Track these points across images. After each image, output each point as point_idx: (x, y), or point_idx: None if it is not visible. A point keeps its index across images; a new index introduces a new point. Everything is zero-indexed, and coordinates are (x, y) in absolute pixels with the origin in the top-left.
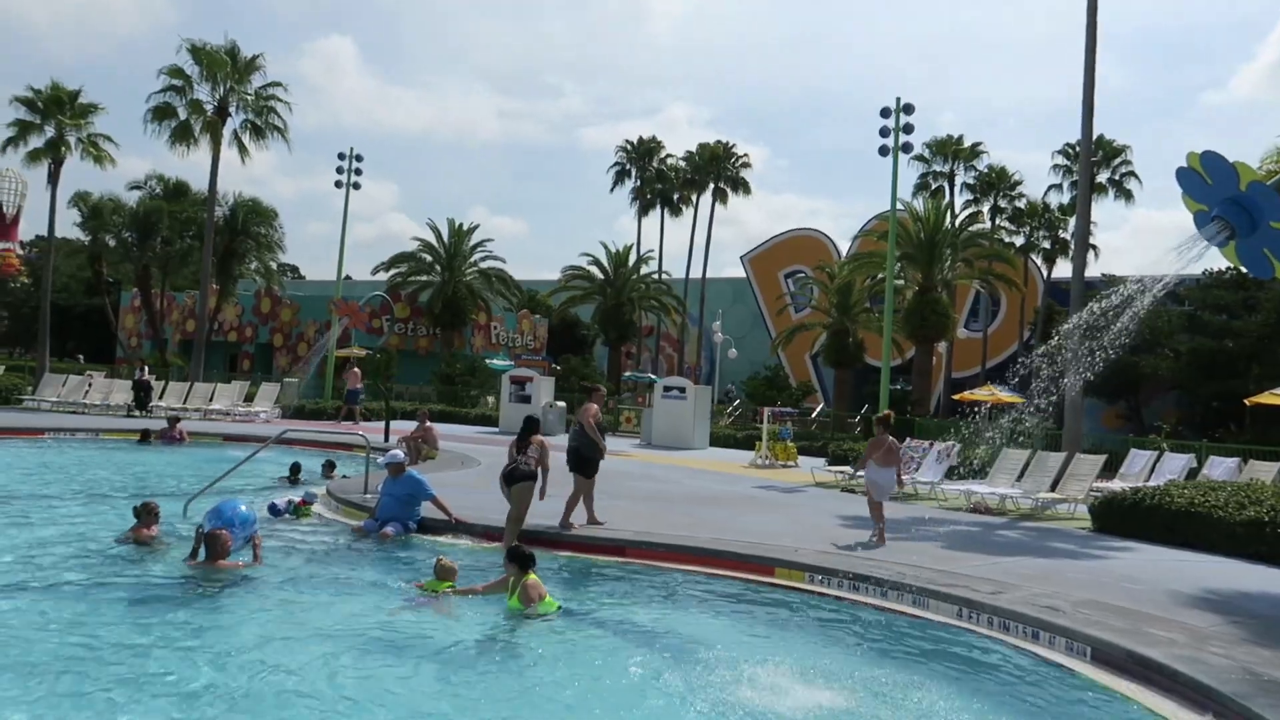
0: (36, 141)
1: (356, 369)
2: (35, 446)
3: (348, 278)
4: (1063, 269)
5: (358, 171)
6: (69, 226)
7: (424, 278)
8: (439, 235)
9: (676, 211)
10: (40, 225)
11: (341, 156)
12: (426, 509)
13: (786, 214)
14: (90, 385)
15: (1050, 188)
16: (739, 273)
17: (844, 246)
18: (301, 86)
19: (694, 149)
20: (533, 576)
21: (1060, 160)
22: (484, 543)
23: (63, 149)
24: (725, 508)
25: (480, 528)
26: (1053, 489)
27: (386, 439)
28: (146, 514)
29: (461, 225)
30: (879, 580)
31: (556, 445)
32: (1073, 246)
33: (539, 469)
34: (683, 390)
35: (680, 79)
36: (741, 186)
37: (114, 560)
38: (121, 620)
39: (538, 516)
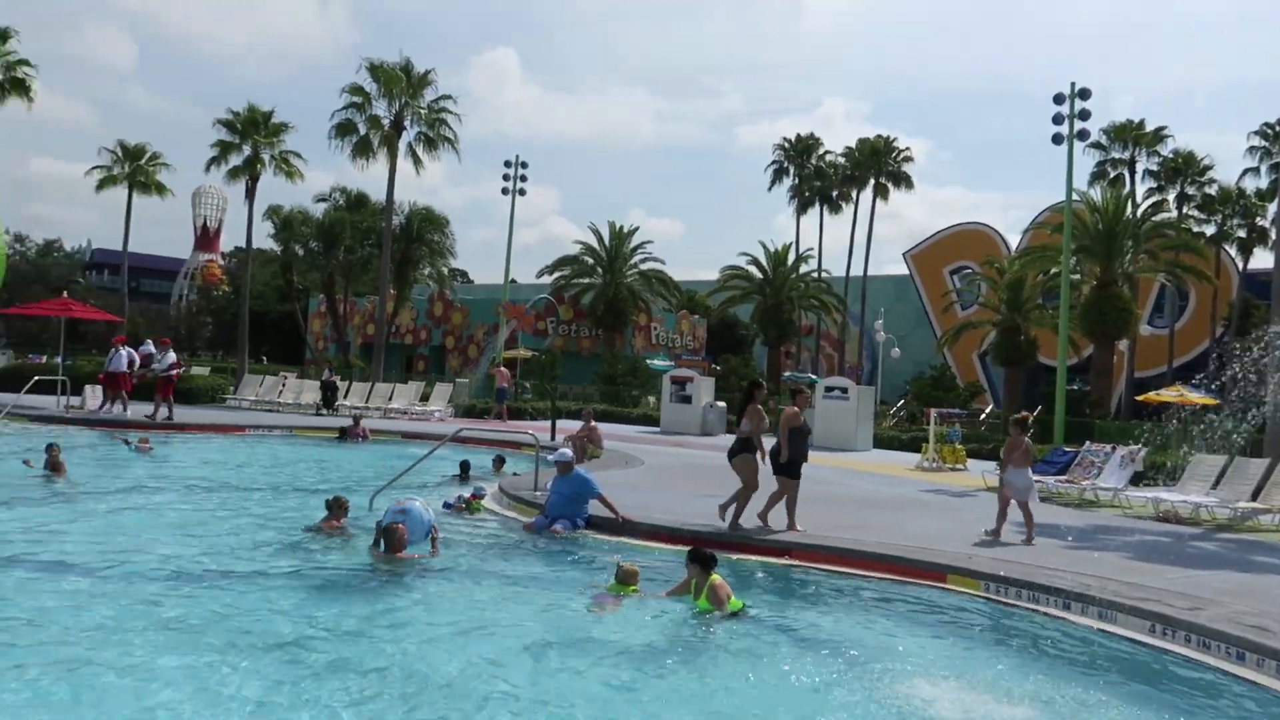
0: (235, 160)
1: (504, 369)
2: (238, 442)
3: (513, 281)
4: (1261, 259)
5: (523, 179)
6: (263, 238)
7: (586, 280)
8: (600, 238)
9: (835, 208)
10: (239, 237)
11: (508, 164)
12: (594, 507)
13: (951, 208)
14: (283, 386)
15: (1245, 171)
16: (901, 270)
17: (1013, 240)
18: (468, 99)
19: (853, 144)
20: (717, 577)
21: (1257, 141)
22: (649, 542)
23: (258, 166)
24: (892, 511)
25: (646, 527)
26: (1254, 498)
27: (553, 438)
28: (337, 507)
29: (621, 228)
30: (1060, 591)
31: (721, 446)
32: (1273, 234)
33: (750, 438)
34: (845, 390)
35: (838, 73)
36: (903, 181)
37: (304, 549)
38: (308, 605)
39: (697, 518)
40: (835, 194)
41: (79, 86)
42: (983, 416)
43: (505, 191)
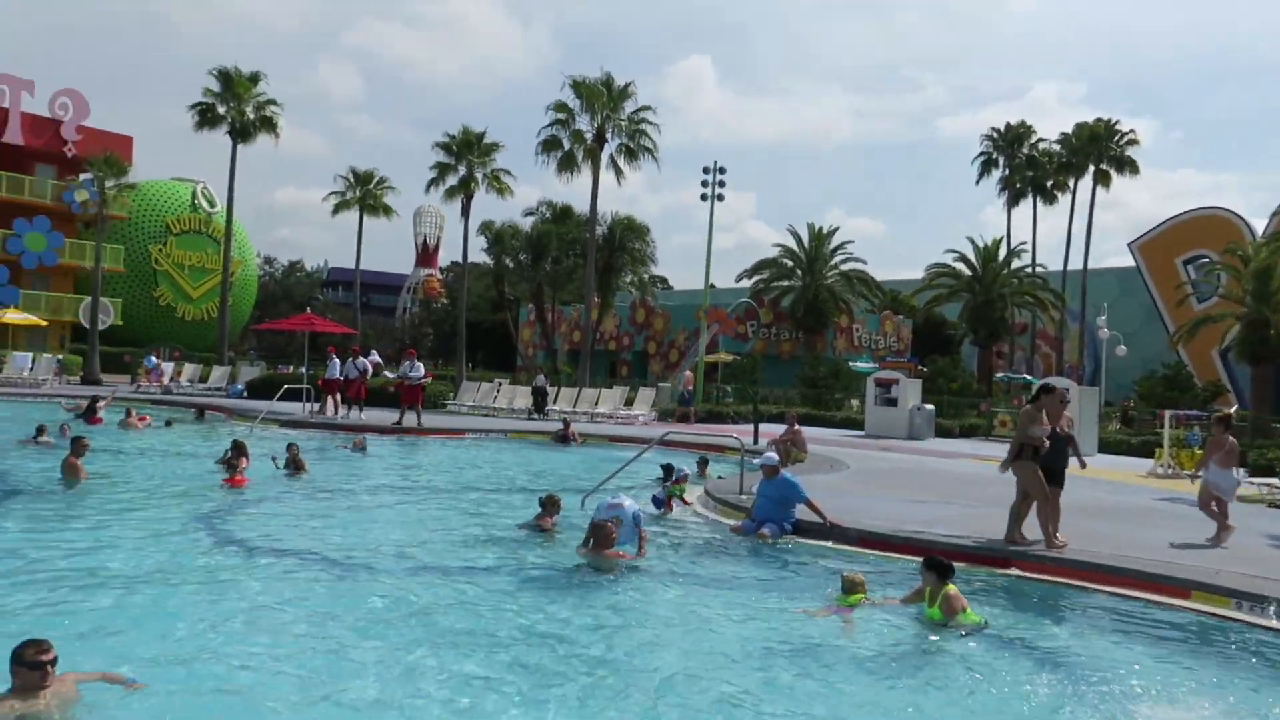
0: (452, 180)
1: (689, 373)
2: (459, 445)
3: (712, 286)
4: None
5: (721, 184)
6: (477, 252)
7: (785, 283)
8: (799, 240)
9: (1050, 199)
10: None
11: (706, 170)
12: (801, 511)
13: (1183, 193)
14: (498, 391)
15: None
16: (1126, 261)
17: (1259, 225)
18: (665, 107)
19: (1069, 130)
20: (952, 587)
21: None
22: (859, 548)
23: (472, 185)
24: (1123, 521)
25: (855, 532)
26: None
27: (755, 441)
28: (550, 505)
29: (820, 229)
30: None
31: (924, 450)
32: None
33: (1029, 444)
34: (1067, 392)
35: (1048, 56)
36: (1127, 166)
37: (517, 545)
38: (520, 600)
39: (908, 523)
40: (1050, 184)
41: (314, 120)
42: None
43: (704, 198)
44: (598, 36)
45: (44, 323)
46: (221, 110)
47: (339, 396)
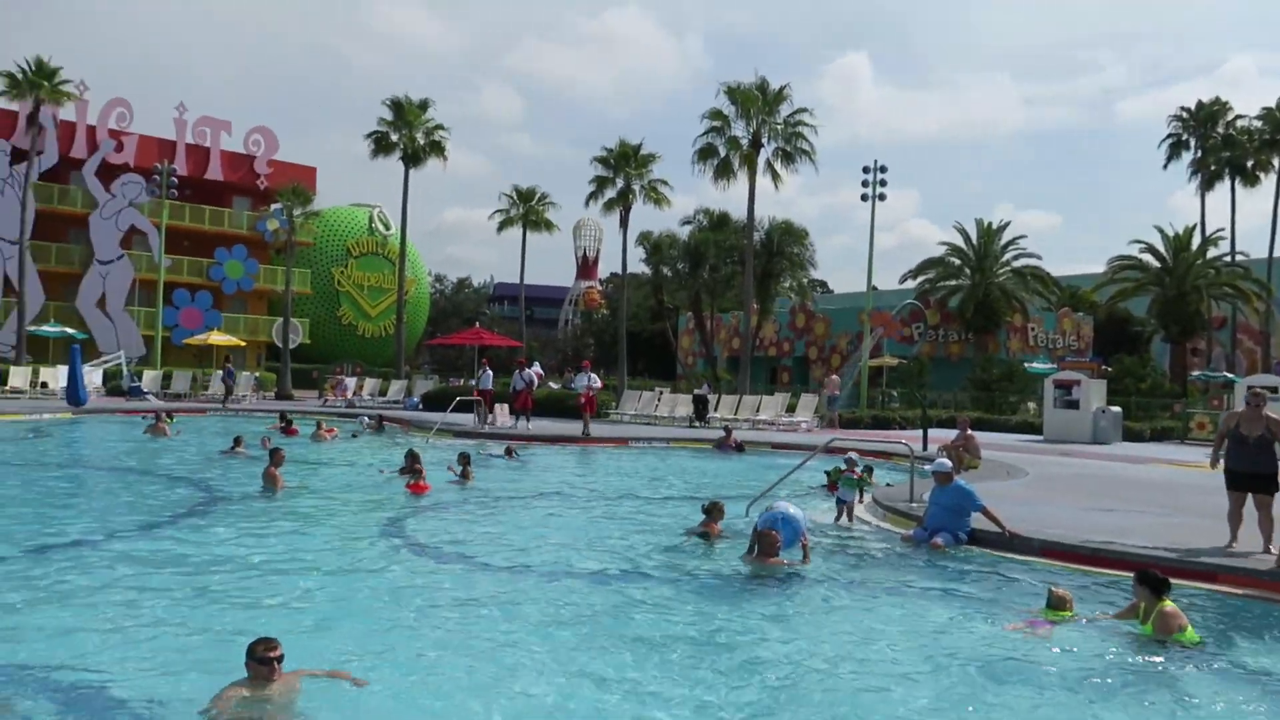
0: (610, 193)
1: (835, 377)
2: (622, 453)
3: (874, 288)
4: None
5: (882, 183)
6: (636, 263)
7: (953, 282)
8: (966, 237)
9: (1251, 180)
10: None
11: (866, 170)
12: (976, 520)
13: None
14: (659, 400)
15: None
16: None
17: None
18: (820, 108)
19: (1272, 104)
20: (1169, 604)
21: None
22: (1042, 559)
23: (630, 196)
24: None
25: (1037, 542)
26: None
27: (925, 447)
28: (715, 512)
29: (990, 224)
30: None
31: (1111, 455)
32: None
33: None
34: (1276, 391)
35: (1243, 22)
36: None
37: (682, 552)
38: (685, 605)
39: (1097, 533)
40: (1250, 164)
41: (478, 141)
42: None
43: (864, 198)
44: (750, 41)
45: (243, 343)
46: (394, 138)
47: (501, 405)
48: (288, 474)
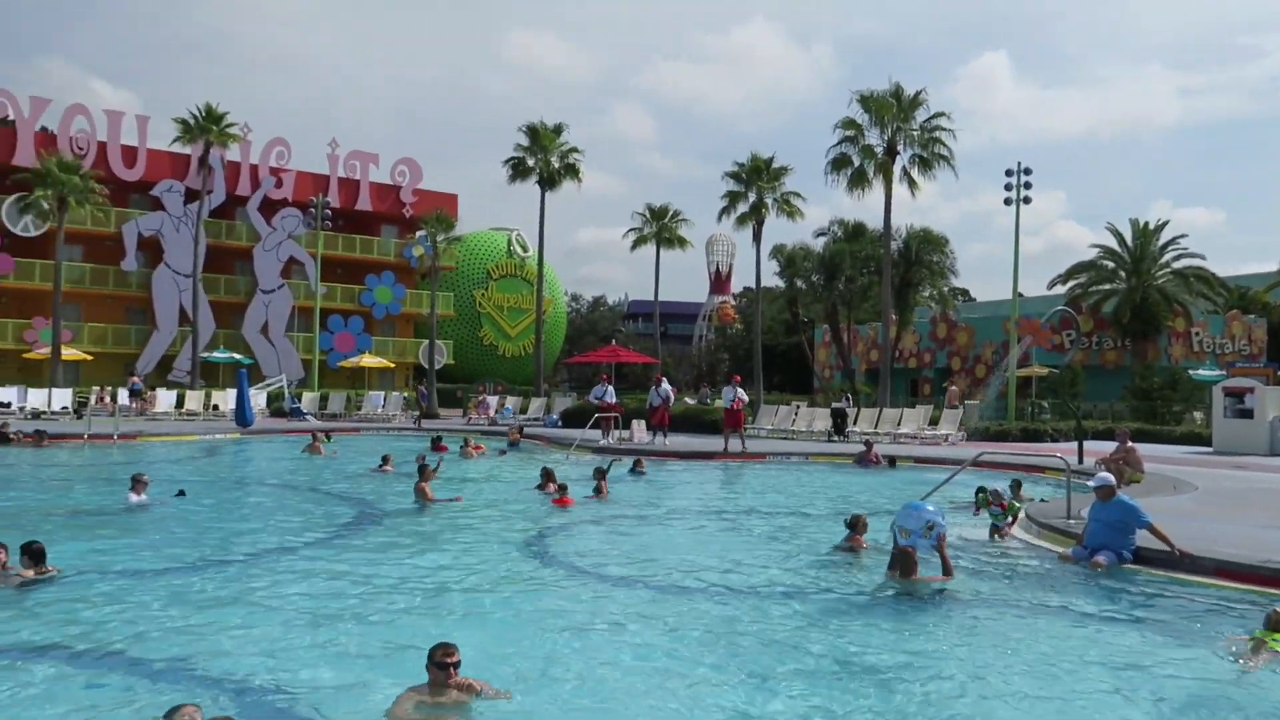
0: (742, 207)
1: (954, 388)
2: (760, 468)
3: (1020, 295)
4: None
5: (1026, 185)
6: (770, 276)
7: (1107, 286)
8: (1120, 238)
9: None
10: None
11: (1008, 173)
12: (1141, 537)
13: None
14: (796, 414)
15: None
16: None
17: None
18: (956, 111)
19: None
20: None
21: None
22: (1216, 580)
23: (763, 210)
24: None
25: (1210, 562)
26: None
27: (1080, 460)
28: (858, 525)
29: (1146, 224)
30: None
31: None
32: None
33: None
34: None
35: None
36: None
37: (826, 568)
38: (831, 623)
39: None
40: None
41: (610, 161)
42: None
43: (1008, 201)
44: (882, 48)
45: (392, 364)
46: (531, 162)
47: (639, 420)
48: (436, 490)
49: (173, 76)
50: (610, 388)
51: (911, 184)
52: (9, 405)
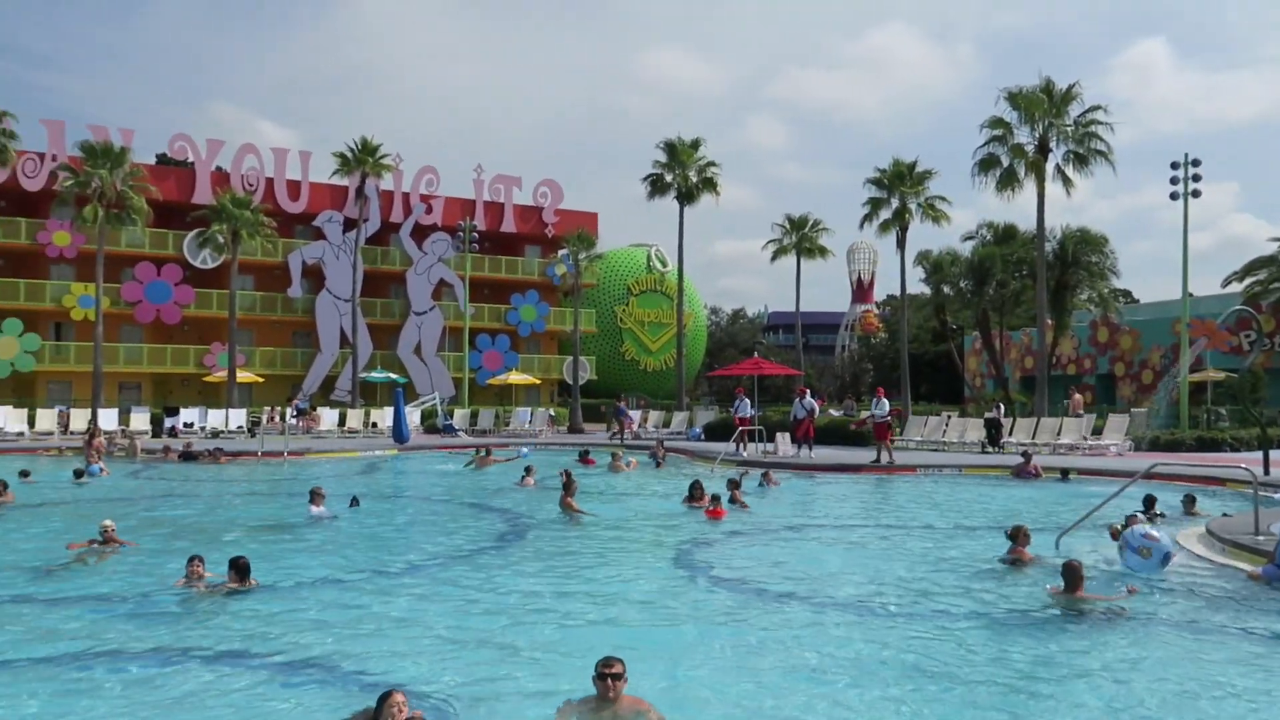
0: (885, 214)
1: (1078, 396)
2: (911, 481)
3: (1190, 294)
4: None
5: (1195, 178)
6: (915, 283)
7: None
8: None
9: None
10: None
11: (1174, 166)
12: None
13: None
14: (946, 425)
15: None
16: None
17: None
18: (1111, 103)
19: None
20: None
21: None
22: None
23: (906, 216)
24: None
25: None
26: None
27: (1266, 471)
28: (1019, 536)
29: None
30: None
31: None
32: None
33: None
34: None
35: None
36: None
37: (986, 582)
38: (993, 640)
39: None
40: None
41: (746, 173)
42: None
43: (1174, 196)
44: (1027, 42)
45: (537, 381)
46: (669, 178)
47: (783, 433)
48: (583, 503)
49: (330, 113)
50: (745, 401)
51: (1066, 182)
52: (191, 425)
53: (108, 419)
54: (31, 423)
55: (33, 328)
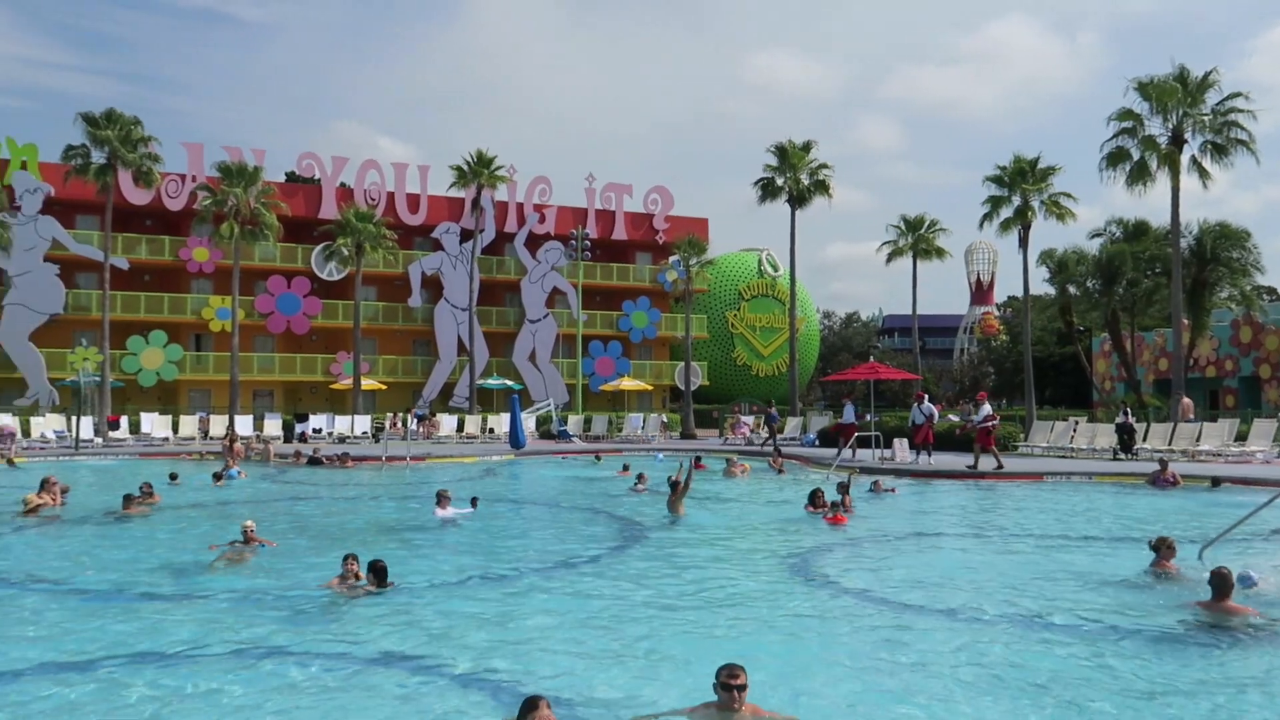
0: (1006, 212)
1: (1188, 400)
2: (1036, 489)
3: None
4: None
5: None
6: (1038, 283)
7: None
8: None
9: None
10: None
11: None
12: None
13: None
14: (1074, 431)
15: None
16: None
17: None
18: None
19: None
20: None
21: None
22: None
23: (1029, 214)
24: None
25: None
26: None
27: None
28: (1163, 549)
29: None
30: None
31: None
32: None
33: None
34: None
35: None
36: None
37: (1119, 596)
38: (1124, 661)
39: None
40: None
41: (857, 175)
42: None
43: None
44: (1157, 29)
45: (649, 387)
46: (780, 182)
47: (901, 439)
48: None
49: (446, 128)
50: (849, 406)
51: (1202, 174)
52: (320, 431)
53: (244, 425)
54: (175, 428)
55: (175, 339)
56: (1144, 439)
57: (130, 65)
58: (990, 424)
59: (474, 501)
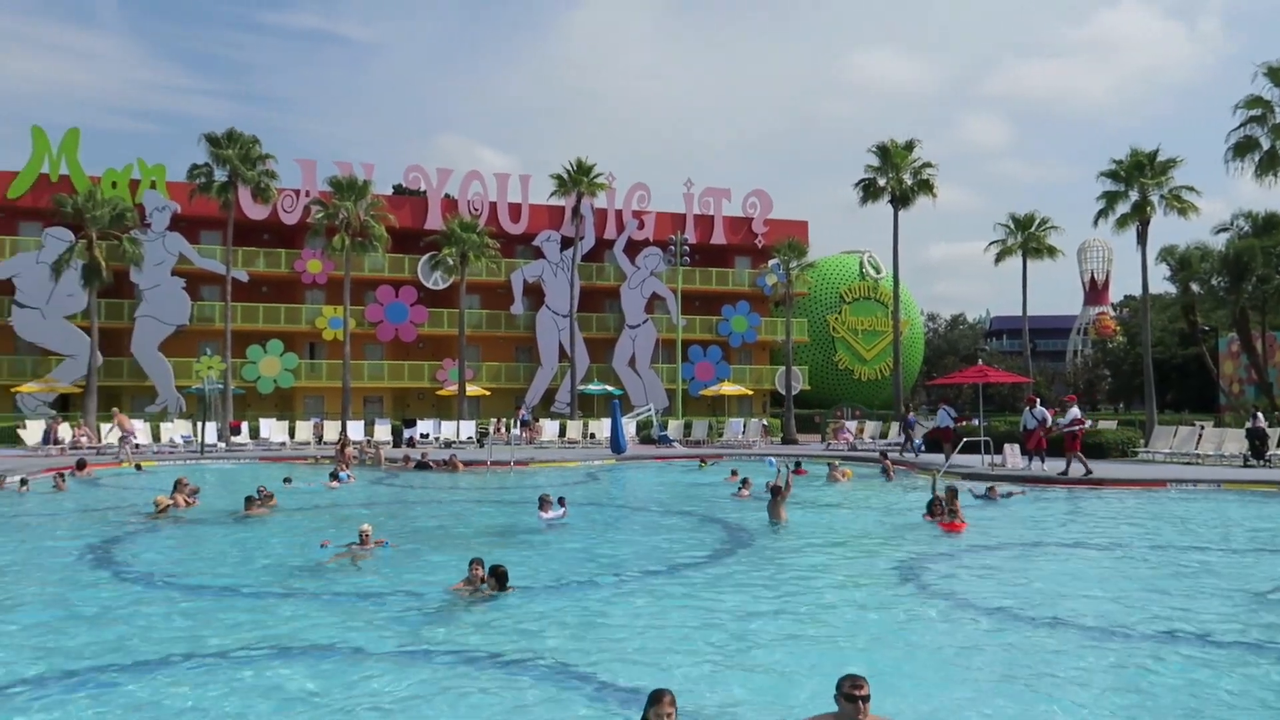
0: (1123, 208)
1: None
2: (1157, 497)
3: None
4: None
5: None
6: (1158, 282)
7: None
8: None
9: None
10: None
11: None
12: None
13: None
14: (1200, 436)
15: None
16: None
17: None
18: None
19: None
20: None
21: None
22: None
23: (1147, 209)
24: None
25: None
26: None
27: None
28: None
29: None
30: None
31: None
32: None
33: None
34: None
35: None
36: None
37: (1253, 612)
38: (1261, 681)
39: None
40: None
41: (961, 173)
42: None
43: None
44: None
45: (749, 392)
46: (882, 182)
47: (1012, 445)
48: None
49: (546, 137)
50: (945, 411)
51: None
52: (427, 436)
53: (355, 430)
54: (291, 434)
55: (291, 348)
56: (1278, 445)
57: (248, 86)
58: (1077, 428)
59: (561, 501)
